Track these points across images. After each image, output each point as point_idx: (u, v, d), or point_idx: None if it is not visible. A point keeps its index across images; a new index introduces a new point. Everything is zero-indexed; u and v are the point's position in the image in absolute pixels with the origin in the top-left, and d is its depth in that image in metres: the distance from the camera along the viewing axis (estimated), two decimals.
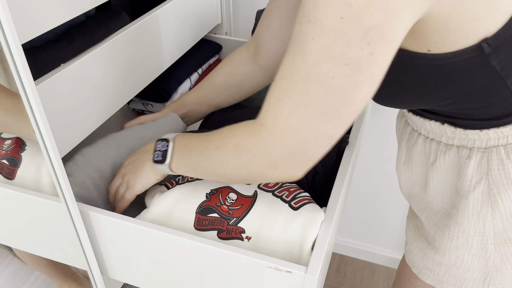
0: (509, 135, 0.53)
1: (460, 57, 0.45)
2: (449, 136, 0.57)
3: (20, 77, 0.51)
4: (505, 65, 0.46)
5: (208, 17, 1.07)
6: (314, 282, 0.55)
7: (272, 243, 0.61)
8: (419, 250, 0.69)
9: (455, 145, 0.57)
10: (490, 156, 0.54)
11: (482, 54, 0.45)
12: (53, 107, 0.63)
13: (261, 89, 0.89)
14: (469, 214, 0.58)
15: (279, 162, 0.48)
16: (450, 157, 0.58)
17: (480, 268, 0.61)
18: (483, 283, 0.63)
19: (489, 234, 0.58)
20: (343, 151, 0.75)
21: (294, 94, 0.44)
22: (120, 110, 1.02)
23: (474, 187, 0.56)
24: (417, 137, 0.62)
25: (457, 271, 0.63)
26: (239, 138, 0.50)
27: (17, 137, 0.75)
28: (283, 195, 0.64)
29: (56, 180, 0.61)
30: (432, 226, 0.65)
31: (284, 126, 0.45)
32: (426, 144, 0.61)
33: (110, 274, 0.75)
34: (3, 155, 0.74)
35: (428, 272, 0.68)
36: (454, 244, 0.61)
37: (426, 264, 0.67)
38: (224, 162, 0.53)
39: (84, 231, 0.67)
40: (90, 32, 0.73)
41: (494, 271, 0.61)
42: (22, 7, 0.54)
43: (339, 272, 1.60)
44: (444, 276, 0.65)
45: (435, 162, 0.60)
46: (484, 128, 0.53)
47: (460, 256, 0.62)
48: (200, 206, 0.64)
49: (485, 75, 0.47)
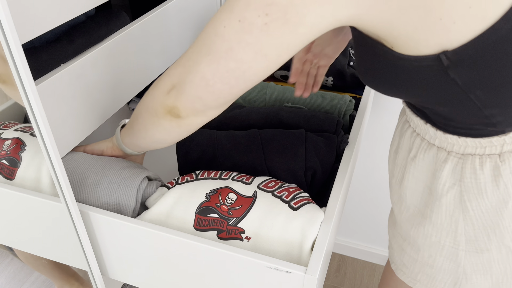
0: (487, 147, 0.52)
1: (420, 62, 0.45)
2: (431, 136, 0.57)
3: (20, 77, 0.51)
4: (467, 81, 0.45)
5: (208, 17, 1.07)
6: (313, 282, 0.55)
7: (271, 243, 0.61)
8: (398, 246, 0.69)
9: (436, 145, 0.57)
10: (465, 163, 0.54)
11: (441, 65, 0.44)
12: (53, 107, 0.63)
13: (261, 89, 0.89)
14: (443, 215, 0.58)
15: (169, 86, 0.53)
16: (429, 156, 0.58)
17: (450, 271, 0.62)
18: (453, 287, 0.63)
19: (461, 240, 0.58)
20: (343, 151, 0.75)
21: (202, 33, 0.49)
22: (120, 110, 1.02)
23: (447, 191, 0.56)
24: (407, 129, 0.63)
25: (429, 271, 0.64)
26: None
27: (17, 137, 0.76)
28: (282, 195, 0.64)
29: (56, 180, 0.61)
30: (405, 221, 0.65)
31: (184, 55, 0.51)
32: (411, 138, 0.61)
33: (110, 274, 0.75)
34: (3, 156, 0.74)
35: (404, 269, 0.68)
36: (428, 242, 0.62)
37: (403, 260, 0.68)
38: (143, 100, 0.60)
39: (84, 231, 0.68)
40: (90, 32, 0.73)
41: (463, 278, 0.61)
42: (22, 7, 0.54)
43: (339, 272, 1.60)
44: (417, 274, 0.66)
45: (415, 158, 0.60)
46: (462, 135, 0.53)
47: (432, 255, 0.62)
48: (199, 206, 0.64)
49: (445, 86, 0.46)
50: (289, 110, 0.80)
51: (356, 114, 0.85)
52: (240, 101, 0.89)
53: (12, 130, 0.78)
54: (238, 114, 0.82)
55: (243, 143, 0.74)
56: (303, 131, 0.74)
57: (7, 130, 0.78)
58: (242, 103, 0.89)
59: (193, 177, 0.70)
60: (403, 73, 0.48)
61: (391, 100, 1.22)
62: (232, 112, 0.83)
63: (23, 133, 0.76)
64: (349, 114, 0.84)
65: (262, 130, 0.76)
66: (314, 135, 0.74)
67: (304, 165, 0.71)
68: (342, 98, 0.84)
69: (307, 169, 0.71)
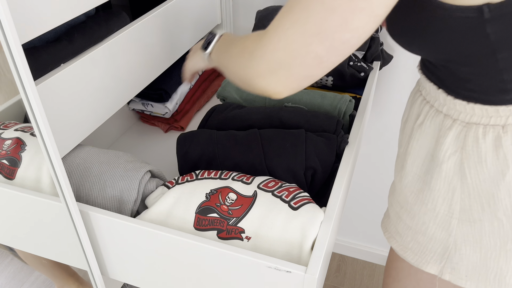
0: (492, 117, 0.54)
1: (462, 13, 0.46)
2: (441, 103, 0.59)
3: (20, 77, 0.51)
4: (500, 39, 0.47)
5: (208, 17, 1.07)
6: (313, 282, 0.55)
7: (271, 243, 0.61)
8: (395, 213, 0.70)
9: (443, 112, 0.59)
10: (468, 131, 0.56)
11: (481, 17, 0.46)
12: (53, 107, 0.63)
13: None
14: (441, 182, 0.60)
15: (268, 71, 0.50)
16: (435, 123, 0.60)
17: (441, 241, 0.63)
18: (441, 258, 0.64)
19: (455, 208, 0.60)
20: (343, 151, 0.75)
21: (298, 8, 0.46)
22: (120, 110, 1.03)
23: (448, 158, 0.58)
24: (418, 97, 0.64)
25: (421, 238, 0.66)
26: (249, 40, 0.54)
27: (17, 137, 0.76)
28: (282, 195, 0.64)
29: (56, 180, 0.61)
30: (404, 188, 0.67)
31: (281, 36, 0.48)
32: (421, 105, 0.63)
33: (110, 274, 0.75)
34: (3, 155, 0.74)
35: (397, 237, 0.70)
36: (423, 209, 0.63)
37: (398, 228, 0.70)
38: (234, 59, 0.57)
39: (84, 231, 0.68)
40: (90, 32, 0.73)
41: (453, 248, 0.63)
42: (22, 7, 0.54)
43: (339, 272, 1.60)
44: (409, 242, 0.68)
45: (421, 124, 0.62)
46: (471, 101, 0.55)
47: (426, 223, 0.64)
48: (199, 206, 0.65)
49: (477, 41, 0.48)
50: (289, 110, 0.80)
51: (356, 114, 0.85)
52: (240, 101, 0.89)
53: (12, 130, 0.78)
54: (238, 114, 0.82)
55: (243, 143, 0.74)
56: (303, 131, 0.74)
57: (7, 130, 0.78)
58: (242, 103, 0.89)
59: (193, 177, 0.70)
60: (439, 24, 0.49)
61: (391, 100, 1.22)
62: (232, 112, 0.83)
63: (23, 133, 0.77)
64: (349, 114, 0.84)
65: (262, 130, 0.76)
66: (314, 135, 0.74)
67: (304, 165, 0.71)
68: (342, 98, 0.84)
69: (307, 169, 0.71)
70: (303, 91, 0.87)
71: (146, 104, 1.03)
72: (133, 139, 1.04)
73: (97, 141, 0.95)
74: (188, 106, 1.08)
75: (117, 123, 1.03)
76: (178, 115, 1.06)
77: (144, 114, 1.08)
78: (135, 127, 1.08)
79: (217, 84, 1.18)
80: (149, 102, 1.03)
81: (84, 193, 0.69)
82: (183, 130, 1.06)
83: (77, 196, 0.70)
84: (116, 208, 0.69)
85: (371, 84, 0.94)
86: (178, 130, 1.06)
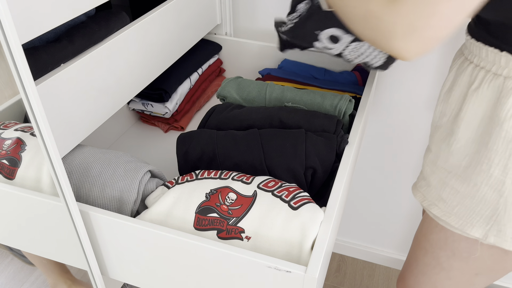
0: None
1: None
2: (501, 66, 0.60)
3: (20, 77, 0.51)
4: None
5: (208, 17, 1.07)
6: (313, 281, 0.55)
7: (271, 243, 0.61)
8: (438, 181, 0.71)
9: (503, 75, 0.60)
10: None
11: None
12: (53, 107, 0.63)
13: (261, 89, 0.89)
14: (500, 141, 0.61)
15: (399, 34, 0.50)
16: (494, 86, 0.61)
17: (491, 202, 0.64)
18: (488, 220, 0.65)
19: (511, 167, 0.61)
20: (343, 151, 0.75)
21: None
22: (120, 110, 1.03)
23: (510, 117, 0.59)
24: (467, 66, 0.65)
25: (469, 202, 0.66)
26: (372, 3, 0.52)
27: (17, 137, 0.76)
28: (282, 195, 0.64)
29: (56, 180, 0.61)
30: (456, 153, 0.67)
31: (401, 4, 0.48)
32: (473, 73, 0.64)
33: (110, 274, 0.75)
34: (3, 155, 0.74)
35: (440, 204, 0.70)
36: (477, 170, 0.64)
37: (442, 194, 0.70)
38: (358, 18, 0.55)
39: (84, 231, 0.68)
40: (90, 32, 0.73)
41: (503, 209, 0.63)
42: (22, 7, 0.54)
43: (339, 272, 1.60)
44: (455, 207, 0.68)
45: (477, 89, 0.63)
46: None
47: (478, 184, 0.64)
48: (199, 206, 0.65)
49: None
50: (289, 110, 0.80)
51: (356, 114, 0.85)
52: (240, 101, 0.89)
53: (12, 130, 0.78)
54: (238, 114, 0.82)
55: (243, 142, 0.74)
56: (303, 130, 0.74)
57: (7, 130, 0.78)
58: (242, 103, 0.89)
59: (193, 176, 0.70)
60: None
61: (391, 100, 1.22)
62: (232, 112, 0.83)
63: (23, 133, 0.77)
64: (349, 114, 0.84)
65: (262, 130, 0.76)
66: (314, 134, 0.74)
67: (304, 164, 0.71)
68: (342, 98, 0.84)
69: (307, 168, 0.71)
70: (303, 91, 0.86)
71: (146, 104, 1.03)
72: (133, 139, 1.04)
73: (97, 141, 0.95)
74: (188, 106, 1.08)
75: (117, 123, 1.03)
76: (178, 115, 1.06)
77: (144, 114, 1.08)
78: (135, 127, 1.09)
79: (217, 84, 1.18)
80: (149, 102, 1.03)
81: (84, 193, 0.69)
82: (183, 130, 1.06)
83: (77, 196, 0.70)
84: (116, 208, 0.69)
85: (371, 84, 0.94)
86: (178, 130, 1.06)
